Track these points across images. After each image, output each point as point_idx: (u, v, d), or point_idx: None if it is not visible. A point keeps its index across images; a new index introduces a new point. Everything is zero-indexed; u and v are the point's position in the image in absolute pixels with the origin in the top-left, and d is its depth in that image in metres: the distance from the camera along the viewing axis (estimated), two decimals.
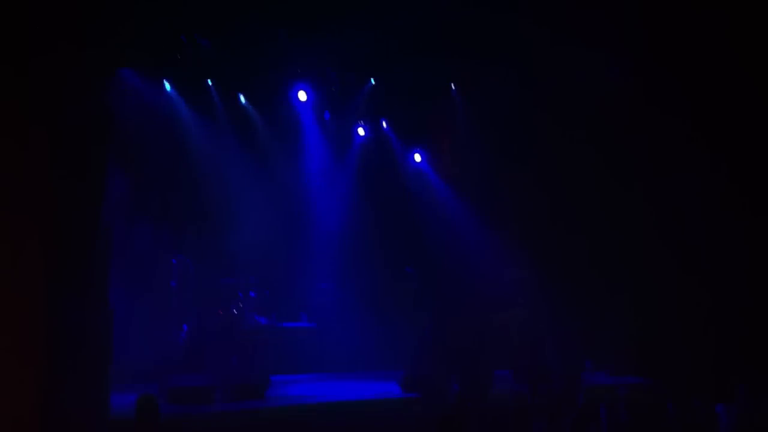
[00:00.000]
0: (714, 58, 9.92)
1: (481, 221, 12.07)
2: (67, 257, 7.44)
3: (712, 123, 10.07)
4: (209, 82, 12.43)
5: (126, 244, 9.88)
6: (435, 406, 9.04)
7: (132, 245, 10.41)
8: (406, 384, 9.86)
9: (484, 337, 10.38)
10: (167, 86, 12.04)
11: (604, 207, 11.21)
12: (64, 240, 7.45)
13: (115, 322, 8.17)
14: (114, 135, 8.19)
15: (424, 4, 10.59)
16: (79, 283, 7.64)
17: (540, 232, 11.61)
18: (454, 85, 13.38)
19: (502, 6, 10.26)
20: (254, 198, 12.44)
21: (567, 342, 10.54)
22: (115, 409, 8.15)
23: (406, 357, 10.79)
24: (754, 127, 9.89)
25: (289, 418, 8.95)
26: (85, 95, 7.61)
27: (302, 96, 12.87)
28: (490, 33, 11.02)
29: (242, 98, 12.94)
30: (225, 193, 12.17)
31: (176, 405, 8.83)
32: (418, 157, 14.03)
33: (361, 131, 13.86)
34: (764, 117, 9.79)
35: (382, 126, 13.99)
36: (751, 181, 9.92)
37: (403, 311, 12.31)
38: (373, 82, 13.26)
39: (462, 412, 8.59)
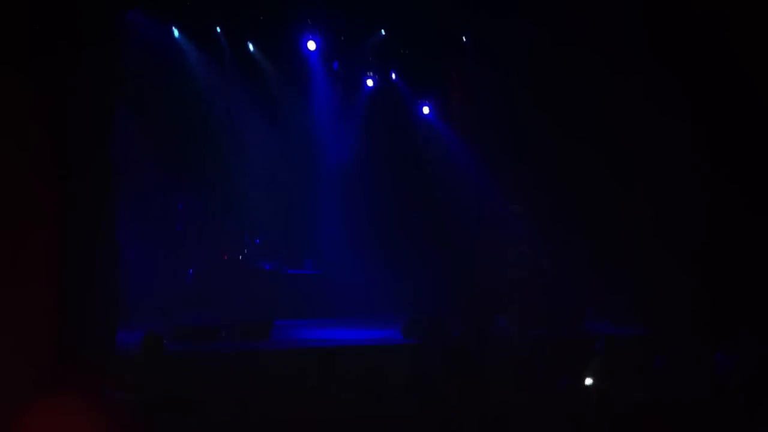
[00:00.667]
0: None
1: (490, 171, 12.08)
2: (74, 193, 7.56)
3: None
4: (218, 29, 12.42)
5: (134, 184, 9.95)
6: (436, 350, 9.17)
7: (141, 185, 10.50)
8: (407, 329, 9.99)
9: (485, 279, 10.46)
10: (176, 32, 12.04)
11: (613, 155, 11.22)
12: (70, 176, 7.56)
13: (122, 261, 8.31)
14: (121, 74, 8.23)
15: None
16: (86, 220, 7.76)
17: (547, 178, 11.67)
18: (465, 37, 13.28)
19: None
20: (263, 144, 12.53)
21: (568, 288, 10.61)
22: (121, 345, 8.32)
23: (408, 303, 10.93)
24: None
25: (291, 359, 9.11)
26: (90, 38, 7.66)
27: (311, 45, 12.83)
28: None
29: (251, 46, 12.92)
30: (233, 139, 12.25)
31: (181, 343, 9.00)
32: (426, 110, 14.01)
33: (369, 82, 13.84)
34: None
35: (391, 77, 13.96)
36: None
37: (408, 259, 12.39)
38: (383, 33, 13.20)
39: (463, 353, 8.73)
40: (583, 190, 11.42)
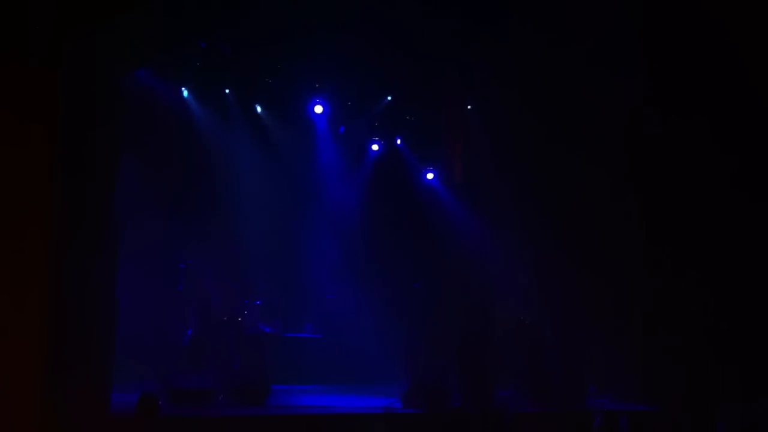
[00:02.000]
0: (717, 69, 9.85)
1: (491, 235, 12.02)
2: (74, 248, 7.46)
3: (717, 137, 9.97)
4: (227, 90, 12.56)
5: (137, 241, 9.87)
6: (437, 419, 8.96)
7: (144, 242, 10.42)
8: (407, 398, 9.78)
9: (488, 349, 10.30)
10: (185, 92, 12.16)
11: (613, 232, 11.15)
12: (71, 231, 7.48)
13: (120, 318, 8.17)
14: (126, 128, 8.22)
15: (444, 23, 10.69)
16: (86, 276, 7.65)
17: (549, 249, 11.59)
18: (471, 105, 13.40)
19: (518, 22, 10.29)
20: (267, 206, 12.54)
21: (572, 359, 10.44)
22: (116, 406, 8.11)
23: (410, 371, 10.73)
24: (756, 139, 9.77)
25: (289, 428, 8.88)
26: (96, 90, 7.67)
27: (318, 109, 12.98)
28: (503, 53, 11.13)
29: (258, 108, 13.04)
30: (238, 198, 12.26)
31: (176, 405, 8.79)
32: (430, 176, 14.08)
33: (375, 147, 13.94)
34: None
35: (396, 143, 14.07)
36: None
37: (410, 325, 12.23)
38: (389, 99, 13.35)
39: (464, 422, 8.53)
40: (589, 262, 11.31)
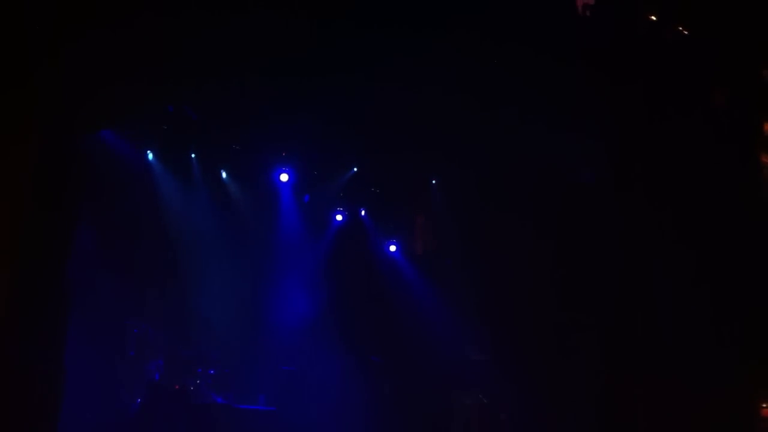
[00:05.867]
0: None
1: (452, 311, 11.97)
2: (25, 310, 7.24)
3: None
4: (192, 155, 12.54)
5: (87, 302, 9.63)
6: None
7: (95, 304, 10.17)
8: None
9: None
10: (150, 155, 12.10)
11: (574, 308, 11.10)
12: (23, 293, 7.26)
13: (67, 384, 7.88)
14: (86, 189, 8.10)
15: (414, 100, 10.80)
16: (35, 339, 7.40)
17: (505, 327, 11.52)
18: (434, 180, 13.53)
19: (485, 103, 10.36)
20: (225, 271, 12.38)
21: None
22: None
23: None
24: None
25: None
26: (59, 149, 7.55)
27: (284, 177, 12.99)
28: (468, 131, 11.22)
29: (224, 174, 13.02)
30: (196, 263, 12.10)
31: None
32: (393, 248, 14.09)
33: (339, 217, 13.95)
34: None
35: (360, 214, 14.10)
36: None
37: (367, 400, 12.00)
38: (355, 170, 13.43)
39: None
40: (549, 342, 11.21)
